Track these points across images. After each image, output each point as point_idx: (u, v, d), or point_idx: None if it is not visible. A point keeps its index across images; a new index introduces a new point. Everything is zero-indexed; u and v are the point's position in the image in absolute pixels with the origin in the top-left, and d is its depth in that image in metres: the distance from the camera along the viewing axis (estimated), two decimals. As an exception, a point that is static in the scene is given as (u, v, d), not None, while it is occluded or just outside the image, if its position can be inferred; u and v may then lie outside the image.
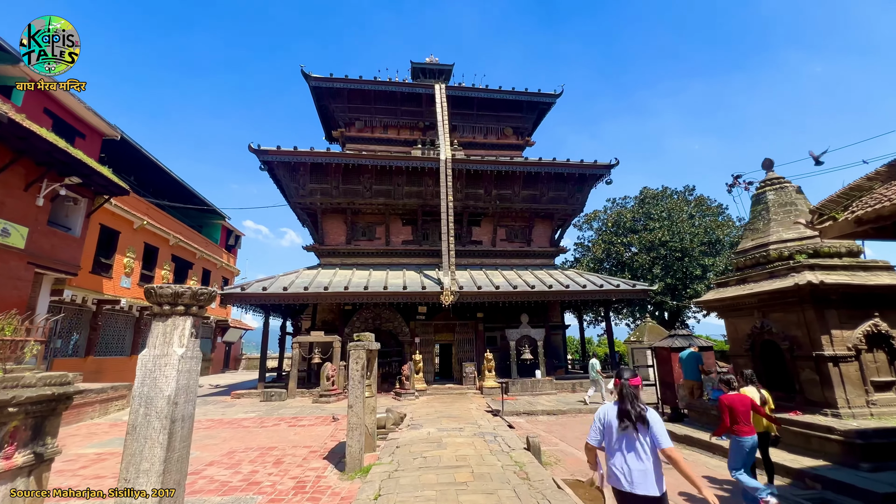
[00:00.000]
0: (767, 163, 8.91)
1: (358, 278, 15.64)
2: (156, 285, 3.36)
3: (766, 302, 7.61)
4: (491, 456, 6.49)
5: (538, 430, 9.71)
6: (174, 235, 19.43)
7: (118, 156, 17.92)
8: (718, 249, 27.30)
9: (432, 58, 22.43)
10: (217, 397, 14.72)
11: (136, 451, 3.05)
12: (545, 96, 20.16)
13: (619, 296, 15.78)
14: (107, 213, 15.13)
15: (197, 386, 3.49)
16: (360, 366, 6.37)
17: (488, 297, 14.95)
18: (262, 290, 14.15)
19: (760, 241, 8.33)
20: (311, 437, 8.56)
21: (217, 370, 27.85)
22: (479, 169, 17.26)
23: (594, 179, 18.34)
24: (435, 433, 8.27)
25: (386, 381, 15.61)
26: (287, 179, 16.90)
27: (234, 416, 11.23)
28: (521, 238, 19.04)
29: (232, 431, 9.22)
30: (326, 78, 18.67)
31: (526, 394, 14.64)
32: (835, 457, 5.88)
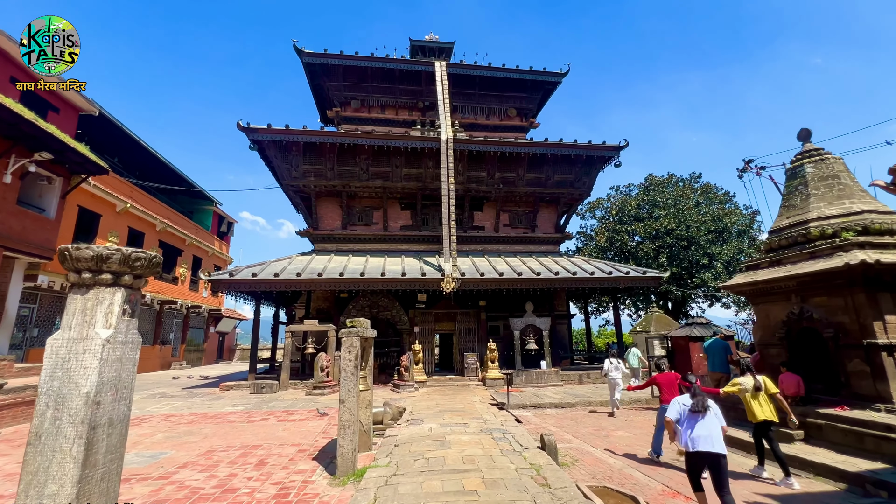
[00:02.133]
0: (804, 133, 8.07)
1: (354, 264, 14.82)
2: (71, 245, 2.50)
3: (807, 285, 6.84)
4: (502, 457, 5.74)
5: (547, 424, 8.99)
6: (161, 220, 18.52)
7: (100, 135, 16.94)
8: (726, 238, 26.56)
9: (432, 35, 21.35)
10: (205, 389, 13.96)
11: (39, 469, 2.23)
12: (551, 75, 19.17)
13: (628, 283, 15.02)
14: (86, 195, 14.21)
15: (133, 380, 2.64)
16: (354, 355, 5.58)
17: (491, 284, 14.16)
18: (252, 277, 13.32)
19: (798, 218, 7.53)
20: (301, 433, 7.80)
21: (210, 361, 27.12)
22: (481, 150, 16.35)
23: (602, 162, 17.46)
24: (437, 429, 7.52)
25: (383, 373, 14.88)
26: (279, 160, 15.96)
27: (221, 409, 10.47)
28: (525, 224, 18.20)
29: (215, 427, 8.46)
30: (320, 54, 17.63)
31: (531, 385, 13.94)
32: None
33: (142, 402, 11.48)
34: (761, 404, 5.29)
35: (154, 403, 11.35)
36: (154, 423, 8.84)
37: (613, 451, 6.83)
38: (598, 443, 7.44)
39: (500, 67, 18.69)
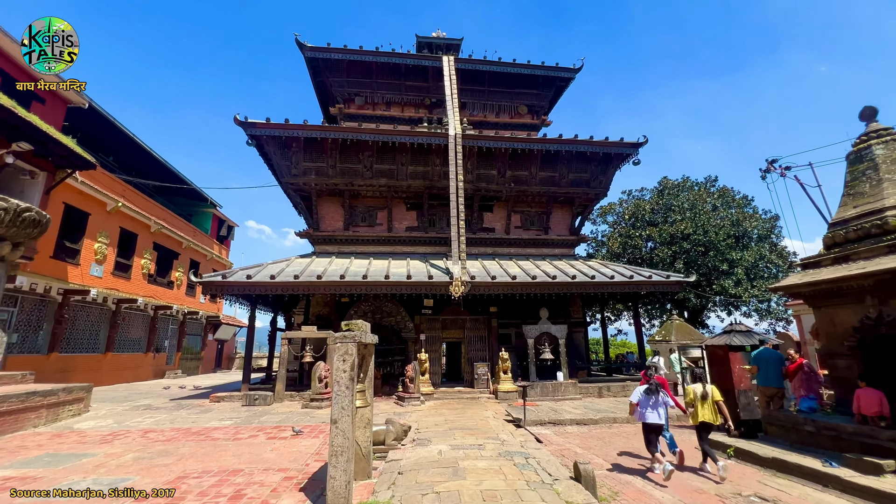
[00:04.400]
0: (868, 112, 7.05)
1: (356, 267, 13.87)
2: None
3: (888, 284, 5.76)
4: (530, 491, 4.68)
5: (572, 445, 7.89)
6: (156, 221, 17.72)
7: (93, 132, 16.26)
8: (746, 243, 25.34)
9: (439, 32, 20.67)
10: (194, 400, 12.96)
11: None
12: (563, 70, 18.31)
13: (651, 288, 13.93)
14: (73, 192, 13.42)
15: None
16: (349, 365, 4.58)
17: (504, 288, 13.13)
18: (247, 279, 12.39)
19: (870, 207, 6.47)
20: (290, 454, 6.77)
21: (208, 370, 26.14)
22: (491, 146, 15.44)
23: (619, 160, 16.47)
24: (448, 452, 6.45)
25: (387, 384, 13.83)
26: (278, 157, 15.14)
27: (207, 423, 9.46)
28: (538, 225, 17.20)
29: (195, 446, 7.44)
30: (323, 48, 16.92)
31: (547, 399, 12.82)
32: None
33: (123, 415, 10.50)
34: (704, 409, 6.08)
35: (135, 416, 10.36)
36: (128, 441, 7.84)
37: (657, 482, 5.73)
38: (632, 465, 6.36)
39: (511, 63, 17.90)
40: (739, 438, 7.23)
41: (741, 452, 6.66)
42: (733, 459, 6.71)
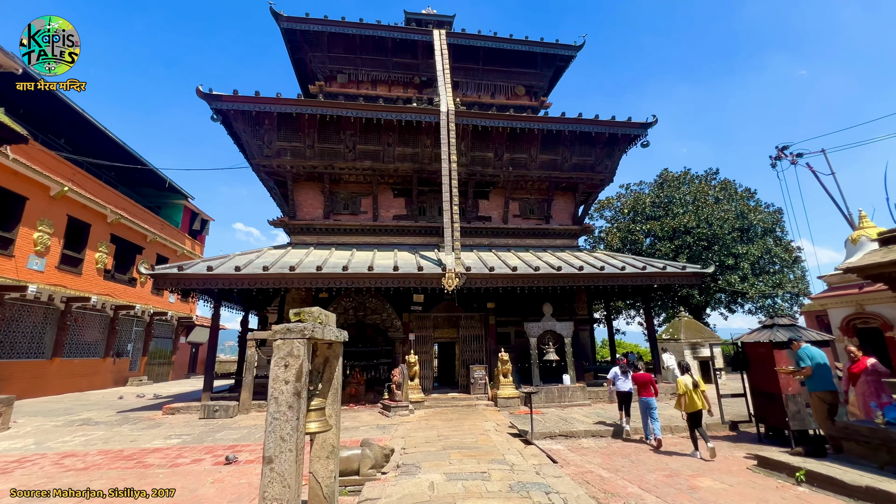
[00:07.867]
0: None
1: (337, 258, 12.25)
2: None
3: None
4: (567, 559, 3.14)
5: (593, 466, 6.39)
6: (113, 210, 15.84)
7: (42, 112, 14.40)
8: (751, 236, 24.25)
9: (429, 9, 19.17)
10: (145, 413, 11.20)
11: None
12: (563, 48, 16.93)
13: (666, 280, 12.55)
14: (5, 172, 11.57)
15: None
16: (293, 372, 3.01)
17: (503, 280, 11.63)
18: (207, 271, 10.69)
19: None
20: (236, 489, 5.15)
21: (180, 375, 24.14)
22: (487, 125, 13.95)
23: (627, 141, 15.11)
24: (443, 486, 4.89)
25: (371, 390, 12.22)
26: (248, 135, 13.45)
27: (148, 443, 7.76)
28: (538, 214, 15.74)
29: (119, 475, 5.77)
30: (301, 18, 15.27)
31: (552, 405, 11.35)
32: None
33: (50, 433, 8.74)
34: (696, 398, 6.57)
35: (65, 435, 8.59)
36: (34, 469, 6.14)
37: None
38: (679, 498, 4.88)
39: (507, 38, 16.46)
40: (807, 458, 5.80)
41: (816, 477, 5.22)
42: (805, 486, 5.27)
